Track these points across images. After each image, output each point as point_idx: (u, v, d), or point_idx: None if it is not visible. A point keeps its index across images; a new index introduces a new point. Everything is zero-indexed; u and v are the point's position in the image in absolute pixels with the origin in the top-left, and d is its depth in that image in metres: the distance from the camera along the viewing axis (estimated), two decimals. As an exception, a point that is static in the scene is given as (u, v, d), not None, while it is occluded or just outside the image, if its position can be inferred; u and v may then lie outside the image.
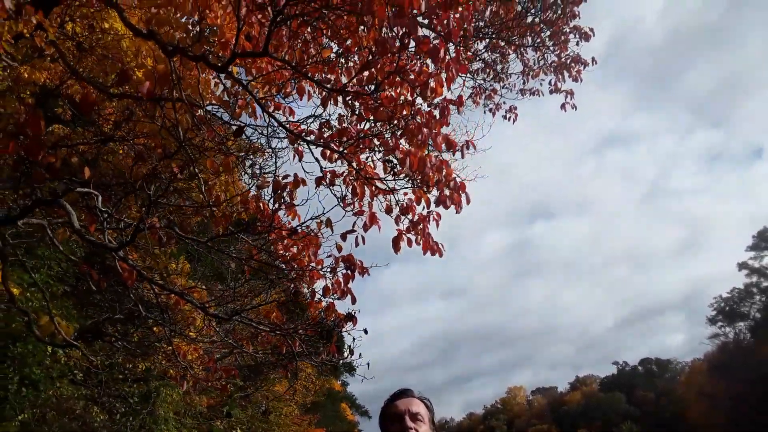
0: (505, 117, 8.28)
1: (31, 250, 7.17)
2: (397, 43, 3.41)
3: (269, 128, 4.63)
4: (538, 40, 7.33)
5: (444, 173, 3.92)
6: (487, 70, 8.19)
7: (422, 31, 3.81)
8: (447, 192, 3.90)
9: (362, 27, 3.53)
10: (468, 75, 8.39)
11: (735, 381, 57.50)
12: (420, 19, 3.62)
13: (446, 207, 3.94)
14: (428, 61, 3.82)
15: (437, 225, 4.10)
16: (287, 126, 4.34)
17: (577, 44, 7.32)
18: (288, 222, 4.55)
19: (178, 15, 5.12)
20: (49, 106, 6.26)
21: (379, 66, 3.66)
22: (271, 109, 4.43)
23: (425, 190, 4.04)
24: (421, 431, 1.94)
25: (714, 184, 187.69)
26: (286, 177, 4.38)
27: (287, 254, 4.53)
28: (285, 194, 4.28)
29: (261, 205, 4.68)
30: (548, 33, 7.28)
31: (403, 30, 3.39)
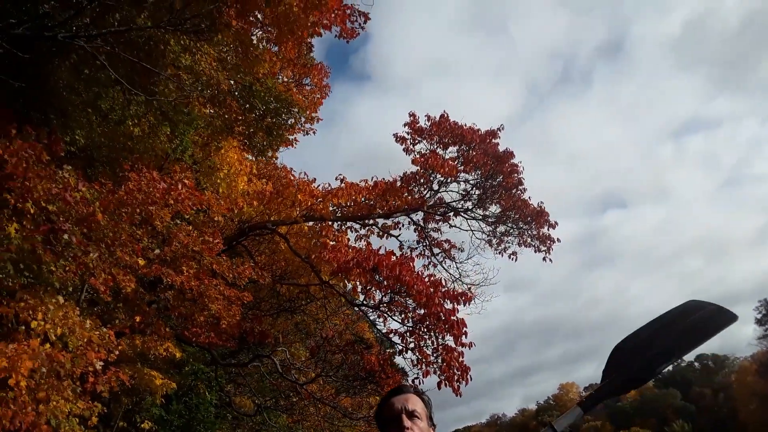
0: (509, 257, 13.12)
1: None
2: (435, 317, 8.28)
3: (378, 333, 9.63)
4: (526, 224, 12.27)
5: (460, 360, 8.72)
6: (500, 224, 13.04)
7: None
8: (458, 373, 8.70)
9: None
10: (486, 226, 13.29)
11: (782, 382, 58.43)
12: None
13: (460, 383, 8.72)
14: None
15: (459, 381, 8.85)
16: (384, 332, 9.35)
17: (548, 229, 12.23)
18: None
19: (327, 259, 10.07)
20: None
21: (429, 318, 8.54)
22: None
23: (450, 366, 8.83)
24: (417, 429, 1.87)
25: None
26: (385, 352, 9.42)
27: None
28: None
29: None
30: (532, 221, 12.19)
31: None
